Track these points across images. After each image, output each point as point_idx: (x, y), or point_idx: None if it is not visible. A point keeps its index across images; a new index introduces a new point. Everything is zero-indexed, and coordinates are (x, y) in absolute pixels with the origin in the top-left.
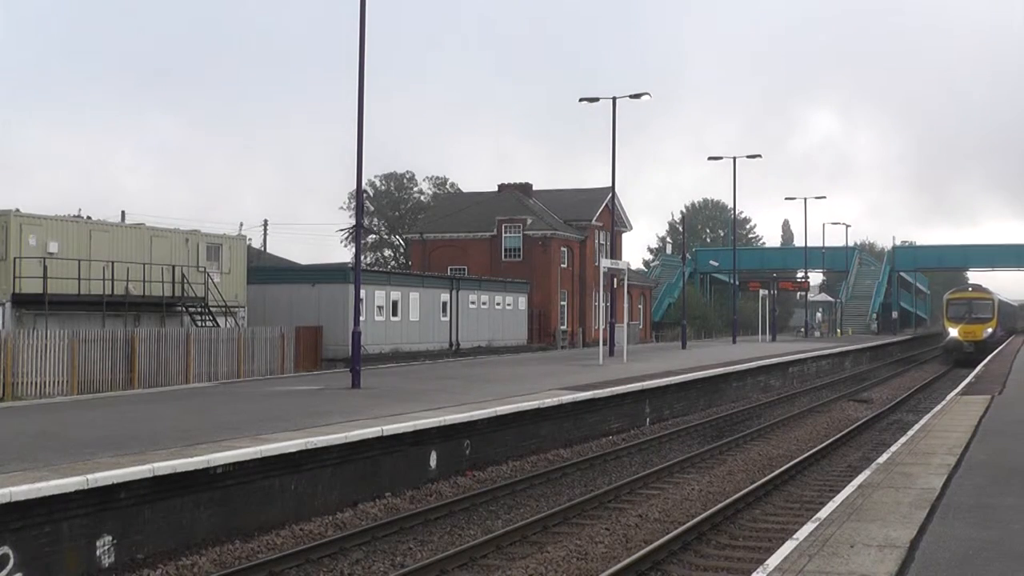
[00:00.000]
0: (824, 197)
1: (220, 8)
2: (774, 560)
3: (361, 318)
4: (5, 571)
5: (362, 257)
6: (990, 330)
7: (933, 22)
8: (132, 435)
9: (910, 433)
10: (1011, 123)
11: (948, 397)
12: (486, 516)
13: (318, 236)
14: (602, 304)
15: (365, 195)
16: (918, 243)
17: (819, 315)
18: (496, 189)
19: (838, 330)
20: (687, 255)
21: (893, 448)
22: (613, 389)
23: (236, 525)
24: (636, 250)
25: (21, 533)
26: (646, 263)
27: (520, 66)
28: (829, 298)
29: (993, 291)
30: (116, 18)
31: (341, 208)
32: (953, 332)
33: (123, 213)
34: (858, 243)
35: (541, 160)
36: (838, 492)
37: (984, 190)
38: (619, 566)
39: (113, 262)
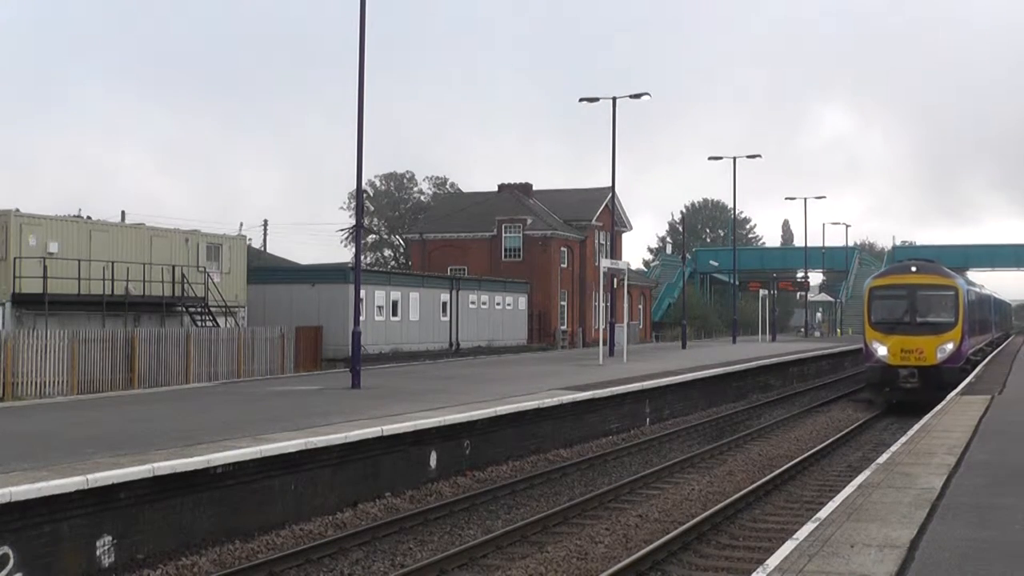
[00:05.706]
0: (824, 197)
1: (224, 6)
2: (774, 560)
3: (361, 318)
4: (5, 571)
5: (362, 257)
6: (950, 345)
7: (938, 21)
8: (132, 435)
9: (910, 433)
10: (1018, 121)
11: (948, 397)
12: (486, 516)
13: (321, 236)
14: (602, 304)
15: (365, 195)
16: (918, 243)
17: (819, 315)
18: (496, 189)
19: (838, 330)
20: (687, 255)
21: (893, 448)
22: (613, 389)
23: (236, 525)
24: (636, 250)
25: (21, 533)
26: (646, 263)
27: (521, 65)
28: (829, 298)
29: (956, 276)
30: (118, 18)
31: (341, 208)
32: (880, 350)
33: (123, 213)
34: (858, 243)
35: (542, 160)
36: (838, 492)
37: (990, 188)
38: (619, 566)
39: (113, 262)
